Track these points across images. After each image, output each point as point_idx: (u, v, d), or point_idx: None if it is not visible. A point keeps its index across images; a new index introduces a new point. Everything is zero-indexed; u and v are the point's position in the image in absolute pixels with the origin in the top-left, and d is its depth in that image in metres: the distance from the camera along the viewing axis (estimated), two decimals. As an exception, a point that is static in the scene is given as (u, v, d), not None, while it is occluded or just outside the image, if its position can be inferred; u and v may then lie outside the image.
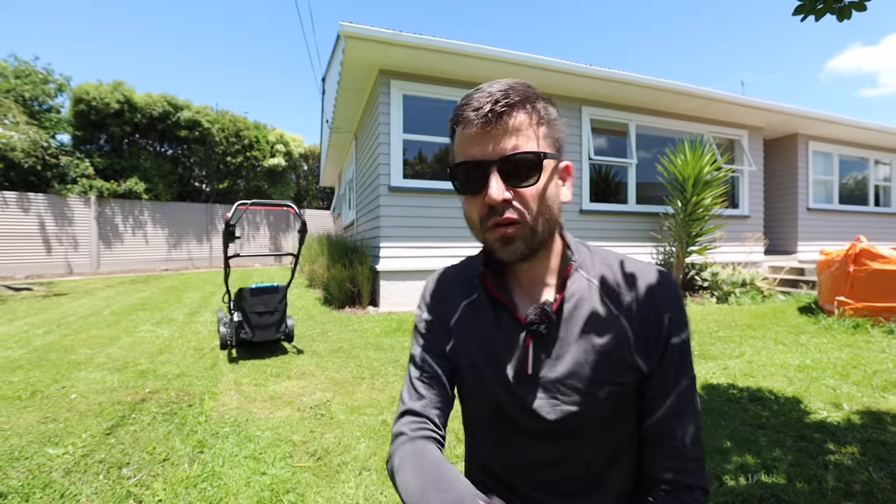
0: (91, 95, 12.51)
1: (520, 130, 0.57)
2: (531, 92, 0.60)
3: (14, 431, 2.10)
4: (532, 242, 0.60)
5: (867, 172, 9.28)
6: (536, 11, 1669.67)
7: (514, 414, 0.65)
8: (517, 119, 0.57)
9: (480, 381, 0.67)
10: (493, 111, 0.56)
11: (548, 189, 0.60)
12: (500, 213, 0.58)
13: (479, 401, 0.69)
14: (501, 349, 0.65)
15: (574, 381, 0.61)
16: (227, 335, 3.45)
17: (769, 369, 2.96)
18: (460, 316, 0.70)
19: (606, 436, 0.64)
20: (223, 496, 1.59)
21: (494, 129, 0.57)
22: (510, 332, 0.65)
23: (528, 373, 0.63)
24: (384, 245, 5.22)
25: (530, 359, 0.63)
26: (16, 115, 9.24)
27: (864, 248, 4.25)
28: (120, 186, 12.63)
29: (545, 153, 0.58)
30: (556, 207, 0.62)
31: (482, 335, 0.67)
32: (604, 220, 6.39)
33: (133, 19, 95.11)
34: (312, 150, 19.80)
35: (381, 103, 5.24)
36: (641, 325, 0.61)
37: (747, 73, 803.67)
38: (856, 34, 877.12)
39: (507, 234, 0.58)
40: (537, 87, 0.62)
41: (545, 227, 0.60)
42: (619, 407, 0.62)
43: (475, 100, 0.57)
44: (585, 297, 0.63)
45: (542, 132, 0.60)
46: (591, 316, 0.62)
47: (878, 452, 1.81)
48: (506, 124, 0.56)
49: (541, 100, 0.61)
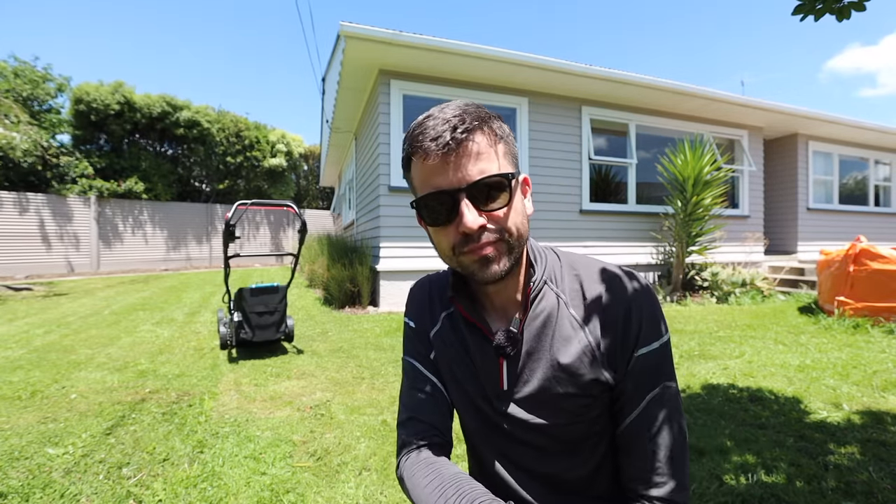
0: (91, 96, 12.52)
1: (482, 153, 0.56)
2: (483, 112, 0.59)
3: (14, 431, 2.10)
4: (511, 259, 0.60)
5: (867, 172, 9.28)
6: (531, 9, 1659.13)
7: (497, 424, 0.67)
8: (478, 143, 0.56)
9: (463, 393, 0.69)
10: (453, 138, 0.54)
11: (518, 205, 0.60)
12: (477, 239, 0.57)
13: (466, 410, 0.71)
14: (478, 366, 0.67)
15: (545, 396, 0.62)
16: (227, 335, 3.45)
17: (769, 369, 2.96)
18: (440, 328, 0.72)
19: (587, 446, 0.65)
20: (223, 496, 1.59)
21: (457, 156, 0.55)
22: (484, 351, 0.66)
23: (503, 388, 0.65)
24: (384, 245, 5.22)
25: (504, 376, 0.65)
26: (17, 115, 9.24)
27: (864, 248, 4.25)
28: (120, 186, 12.64)
29: (510, 173, 0.58)
30: (527, 223, 0.62)
31: (460, 350, 0.69)
32: (604, 220, 6.38)
33: (133, 19, 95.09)
34: (312, 150, 19.80)
35: (381, 103, 5.24)
36: (607, 337, 0.61)
37: (747, 73, 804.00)
38: (855, 34, 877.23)
39: (486, 253, 0.57)
40: (482, 106, 0.62)
41: (520, 243, 0.61)
42: (593, 418, 0.63)
43: (431, 129, 0.55)
44: (552, 313, 0.64)
45: (501, 150, 0.59)
46: (557, 332, 0.63)
47: (878, 452, 1.81)
48: (467, 149, 0.55)
49: (493, 118, 0.60)
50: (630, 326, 0.60)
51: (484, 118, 0.58)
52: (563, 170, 6.13)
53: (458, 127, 0.55)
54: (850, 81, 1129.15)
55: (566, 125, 6.19)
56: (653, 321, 0.61)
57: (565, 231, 6.05)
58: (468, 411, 0.70)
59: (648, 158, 6.90)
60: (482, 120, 0.58)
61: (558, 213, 6.05)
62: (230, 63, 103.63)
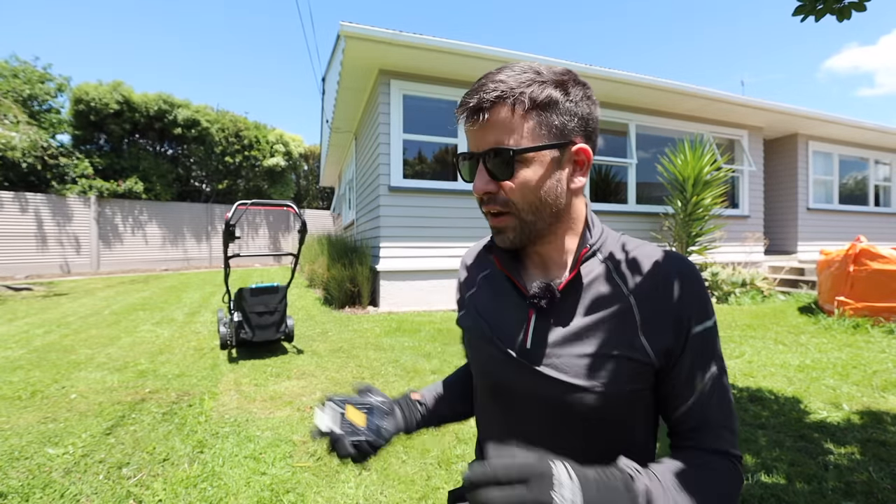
0: (91, 96, 12.52)
1: (499, 125, 0.57)
2: (527, 78, 0.58)
3: (14, 431, 2.10)
4: (522, 233, 0.61)
5: (867, 172, 9.28)
6: (532, 9, 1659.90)
7: (512, 387, 0.65)
8: (497, 114, 0.57)
9: (483, 352, 0.68)
10: (473, 108, 0.58)
11: (530, 179, 0.59)
12: (486, 202, 0.61)
13: (482, 371, 0.70)
14: (505, 322, 0.66)
15: (570, 358, 0.60)
16: (227, 335, 3.45)
17: (769, 369, 2.96)
18: (476, 289, 0.75)
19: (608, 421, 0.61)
20: (223, 496, 1.59)
21: (479, 125, 0.58)
22: (515, 305, 0.66)
23: (526, 346, 0.63)
24: (384, 245, 5.21)
25: (530, 332, 0.63)
26: (16, 116, 9.24)
27: (864, 248, 4.25)
28: (119, 186, 12.63)
29: (517, 149, 0.57)
30: (552, 197, 0.60)
31: (489, 307, 0.70)
32: (604, 220, 6.33)
33: (133, 19, 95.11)
34: (312, 150, 19.80)
35: (381, 103, 5.24)
36: (653, 309, 0.59)
37: (747, 74, 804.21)
38: (853, 34, 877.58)
39: (496, 224, 0.62)
40: (544, 68, 0.60)
41: (536, 217, 0.60)
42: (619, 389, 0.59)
43: (469, 94, 0.59)
44: (596, 278, 0.63)
45: (531, 124, 0.58)
46: (599, 296, 0.61)
47: (878, 452, 1.81)
48: (486, 120, 0.58)
49: (537, 84, 0.58)
50: (684, 304, 0.59)
51: (520, 86, 0.57)
52: (563, 170, 6.12)
53: (483, 96, 0.57)
54: (847, 81, 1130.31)
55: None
56: (706, 299, 0.61)
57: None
58: (482, 371, 0.70)
59: (648, 158, 6.90)
60: (514, 90, 0.57)
61: (558, 213, 6.04)
62: (230, 63, 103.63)
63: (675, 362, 0.59)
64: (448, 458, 1.83)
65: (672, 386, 0.60)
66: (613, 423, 0.62)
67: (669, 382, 0.60)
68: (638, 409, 0.62)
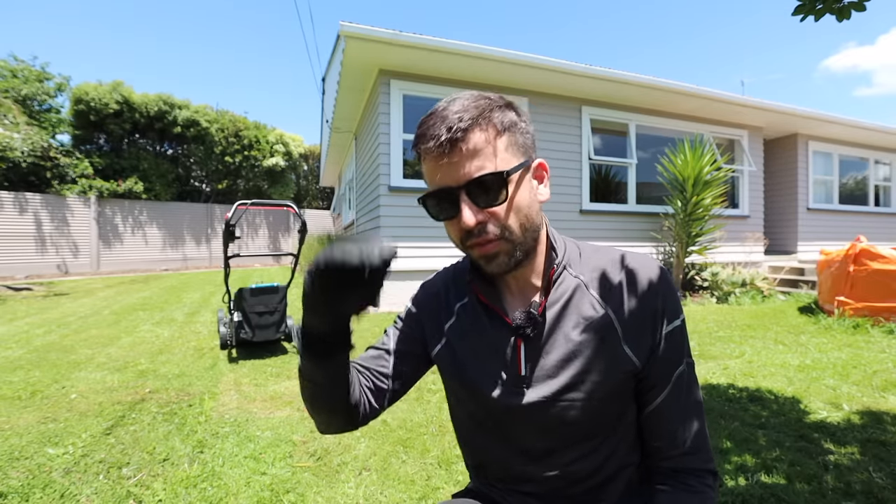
0: (90, 95, 12.51)
1: (478, 151, 0.56)
2: (484, 104, 0.58)
3: (14, 431, 2.10)
4: (515, 255, 0.61)
5: (867, 172, 9.28)
6: (532, 9, 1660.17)
7: (511, 415, 0.65)
8: (474, 141, 0.56)
9: (475, 382, 0.68)
10: (448, 139, 0.55)
11: (519, 199, 0.59)
12: (477, 234, 0.58)
13: (475, 402, 0.69)
14: (494, 352, 0.66)
15: (564, 378, 0.62)
16: (227, 335, 3.45)
17: (769, 369, 2.96)
18: (456, 320, 0.72)
19: (605, 430, 0.64)
20: (223, 496, 1.59)
21: (454, 156, 0.56)
22: (501, 335, 0.66)
23: (520, 374, 0.64)
24: (384, 245, 5.21)
25: (522, 360, 0.64)
26: (16, 116, 9.24)
27: (864, 248, 4.25)
28: (119, 186, 12.63)
29: (507, 171, 0.57)
30: (534, 213, 0.62)
31: (475, 338, 0.69)
32: (604, 220, 6.38)
33: (134, 19, 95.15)
34: (312, 150, 19.79)
35: (381, 103, 5.24)
36: (630, 317, 0.62)
37: (747, 74, 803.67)
38: (851, 34, 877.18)
39: (487, 251, 0.59)
40: (491, 95, 0.61)
41: (526, 236, 0.61)
42: (614, 399, 0.63)
43: (430, 127, 0.57)
44: (572, 296, 0.64)
45: (503, 144, 0.58)
46: (578, 314, 0.63)
47: (877, 452, 1.81)
48: (463, 149, 0.56)
49: (496, 109, 0.59)
50: (656, 306, 0.62)
51: (483, 112, 0.58)
52: (563, 170, 6.13)
53: (454, 126, 0.56)
54: (846, 81, 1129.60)
55: (566, 125, 6.19)
56: (674, 298, 0.63)
57: (565, 231, 5.99)
58: (475, 402, 0.69)
59: (648, 158, 6.90)
60: (481, 115, 0.57)
61: (558, 213, 6.05)
62: (229, 63, 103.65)
63: (650, 359, 0.62)
64: (448, 459, 1.83)
65: (646, 379, 0.63)
66: (614, 426, 0.65)
67: (644, 379, 0.63)
68: (631, 412, 0.66)
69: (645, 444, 0.66)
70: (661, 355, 0.62)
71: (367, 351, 0.76)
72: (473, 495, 0.75)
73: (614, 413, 0.64)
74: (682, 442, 0.62)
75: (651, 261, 0.65)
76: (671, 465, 0.63)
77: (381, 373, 0.72)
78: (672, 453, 0.63)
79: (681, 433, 0.62)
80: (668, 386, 0.62)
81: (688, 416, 0.62)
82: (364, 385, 0.71)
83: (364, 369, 0.72)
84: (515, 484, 0.69)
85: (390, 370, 0.72)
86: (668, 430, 0.62)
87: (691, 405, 0.63)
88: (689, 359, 0.64)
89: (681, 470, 0.62)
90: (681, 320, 0.63)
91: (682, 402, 0.62)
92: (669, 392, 0.62)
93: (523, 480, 0.68)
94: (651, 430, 0.64)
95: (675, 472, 0.63)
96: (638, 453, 0.68)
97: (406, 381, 0.74)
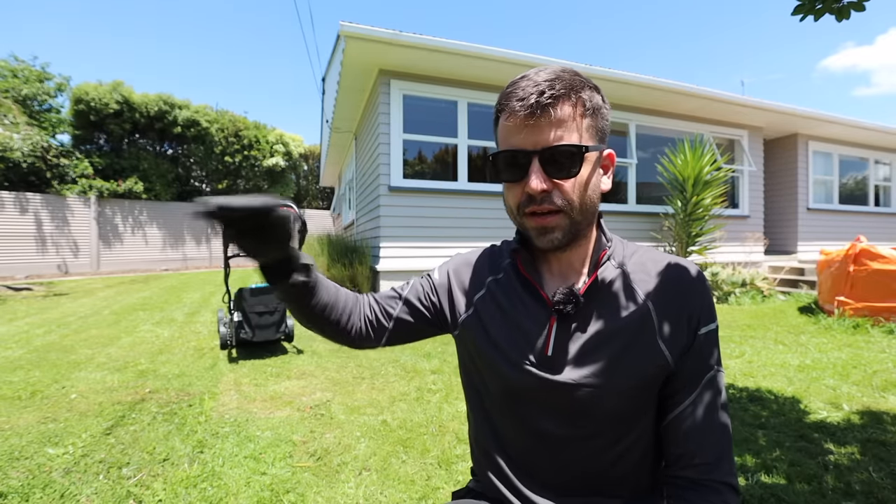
0: (90, 95, 12.50)
1: (563, 122, 0.57)
2: (577, 81, 0.59)
3: (14, 431, 2.10)
4: (570, 232, 0.61)
5: (867, 172, 9.27)
6: (532, 9, 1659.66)
7: (531, 395, 0.64)
8: (562, 111, 0.57)
9: (498, 358, 0.66)
10: (538, 102, 0.56)
11: (588, 179, 0.60)
12: (539, 202, 0.58)
13: (496, 378, 0.67)
14: (524, 328, 0.65)
15: (593, 365, 0.60)
16: (227, 335, 3.45)
17: (769, 369, 2.96)
18: (486, 291, 0.72)
19: (624, 426, 0.62)
20: (223, 496, 1.59)
21: (538, 121, 0.56)
22: (535, 311, 0.65)
23: (547, 354, 0.62)
24: (384, 245, 5.21)
25: (552, 340, 0.63)
26: (16, 116, 9.23)
27: (864, 248, 4.25)
28: (119, 186, 12.62)
29: (587, 146, 0.58)
30: (596, 197, 0.62)
31: (505, 312, 0.67)
32: (604, 219, 6.37)
33: (134, 19, 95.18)
34: (312, 150, 19.79)
35: (381, 103, 5.24)
36: (669, 313, 0.61)
37: (747, 74, 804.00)
38: (850, 33, 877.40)
39: (545, 223, 0.59)
40: (581, 73, 0.61)
41: (584, 217, 0.61)
42: (639, 395, 0.61)
43: (521, 89, 0.57)
44: (614, 284, 0.64)
45: (586, 123, 0.59)
46: (618, 301, 0.63)
47: (877, 452, 1.81)
48: (550, 116, 0.56)
49: (587, 88, 0.60)
50: (694, 306, 0.61)
51: (575, 87, 0.58)
52: (563, 170, 6.12)
53: (546, 92, 0.56)
54: (844, 81, 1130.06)
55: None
56: (711, 303, 0.63)
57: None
58: (496, 379, 0.67)
59: (648, 158, 6.90)
60: (573, 89, 0.58)
61: (558, 213, 6.05)
62: (229, 63, 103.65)
63: (681, 360, 0.61)
64: (448, 458, 1.83)
65: (675, 380, 0.62)
66: (633, 423, 0.63)
67: (674, 378, 0.62)
68: (651, 415, 0.64)
69: (664, 452, 0.64)
70: (693, 357, 0.60)
71: (389, 290, 0.79)
72: (474, 495, 0.74)
73: (634, 410, 0.62)
74: (704, 451, 0.59)
75: (693, 264, 0.66)
76: (690, 475, 0.59)
77: (387, 312, 0.76)
78: (693, 462, 0.59)
79: (704, 442, 0.59)
80: (696, 389, 0.60)
81: (713, 424, 0.59)
82: (366, 315, 0.75)
83: (375, 302, 0.77)
84: (521, 476, 0.66)
85: (395, 314, 0.75)
86: (691, 438, 0.59)
87: (717, 414, 0.60)
88: (720, 367, 0.62)
89: (699, 482, 0.59)
90: (715, 325, 0.62)
91: (709, 408, 0.60)
92: (697, 396, 0.60)
93: (531, 471, 0.66)
94: (673, 437, 0.61)
95: (694, 483, 0.59)
96: (650, 460, 0.66)
97: (407, 331, 0.76)
